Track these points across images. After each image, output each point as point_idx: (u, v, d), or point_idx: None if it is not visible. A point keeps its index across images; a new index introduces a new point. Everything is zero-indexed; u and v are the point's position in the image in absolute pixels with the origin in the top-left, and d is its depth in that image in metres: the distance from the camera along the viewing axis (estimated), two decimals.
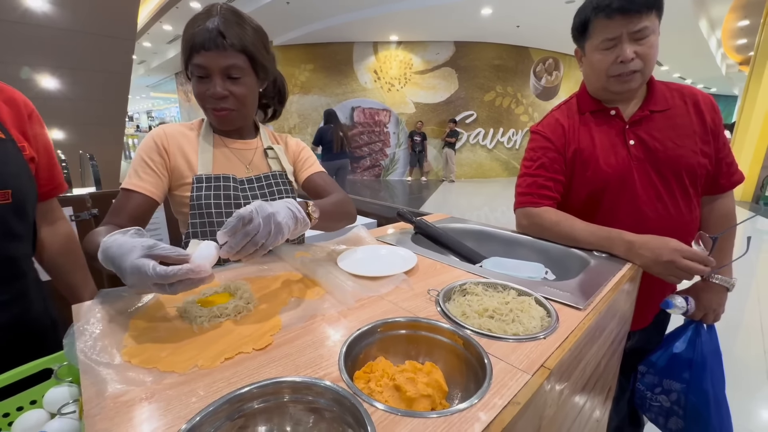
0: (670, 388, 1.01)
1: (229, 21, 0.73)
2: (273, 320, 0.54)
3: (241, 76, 0.77)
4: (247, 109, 0.83)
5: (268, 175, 0.89)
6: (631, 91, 0.88)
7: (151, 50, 11.36)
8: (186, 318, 0.54)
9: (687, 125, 0.88)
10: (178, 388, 0.41)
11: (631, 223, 0.85)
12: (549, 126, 0.98)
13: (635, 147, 0.89)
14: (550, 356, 0.47)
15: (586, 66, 0.92)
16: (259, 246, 0.55)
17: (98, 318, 0.54)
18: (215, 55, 0.73)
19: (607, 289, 0.67)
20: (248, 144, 0.90)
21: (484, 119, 8.85)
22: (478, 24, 7.19)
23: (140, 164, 0.78)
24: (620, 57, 0.82)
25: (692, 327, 1.01)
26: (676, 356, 1.01)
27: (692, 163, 0.87)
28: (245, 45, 0.75)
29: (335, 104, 8.87)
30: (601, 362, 0.70)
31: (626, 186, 0.88)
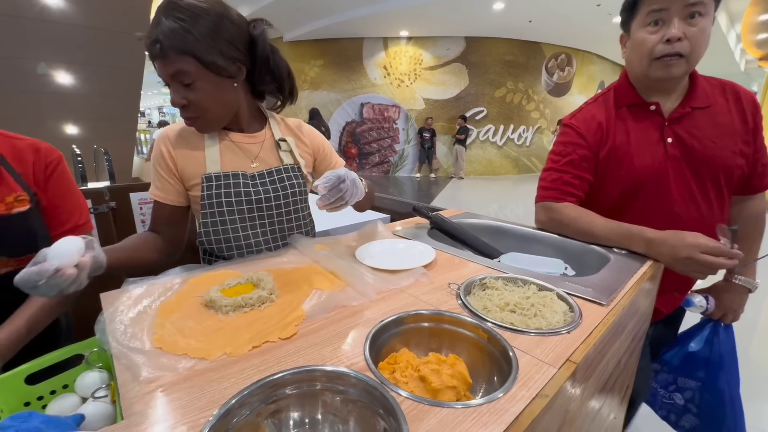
0: (685, 386, 1.00)
1: (168, 20, 0.65)
2: (297, 311, 0.55)
3: (192, 81, 0.69)
4: (215, 112, 0.75)
5: (279, 169, 0.84)
6: (674, 80, 0.82)
7: None
8: (211, 307, 0.55)
9: (728, 124, 0.84)
10: (209, 374, 0.41)
11: (661, 224, 0.80)
12: (584, 121, 0.93)
13: (673, 145, 0.84)
14: (576, 351, 0.47)
15: (629, 49, 0.86)
16: (345, 202, 0.67)
17: (127, 306, 0.56)
18: (160, 64, 0.68)
19: (629, 285, 0.67)
20: (254, 137, 0.84)
21: (495, 116, 8.76)
22: (489, 19, 7.10)
23: (155, 174, 0.80)
24: (667, 35, 0.76)
25: (710, 326, 0.99)
26: (691, 354, 1.00)
27: (730, 165, 0.83)
28: (185, 46, 0.66)
29: (345, 100, 8.87)
30: (621, 360, 0.69)
31: (660, 186, 0.85)
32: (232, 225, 0.79)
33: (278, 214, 0.84)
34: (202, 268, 0.71)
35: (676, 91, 0.86)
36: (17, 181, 0.72)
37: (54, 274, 0.49)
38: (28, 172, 0.74)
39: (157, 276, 0.67)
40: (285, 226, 0.86)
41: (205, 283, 0.64)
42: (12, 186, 0.71)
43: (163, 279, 0.66)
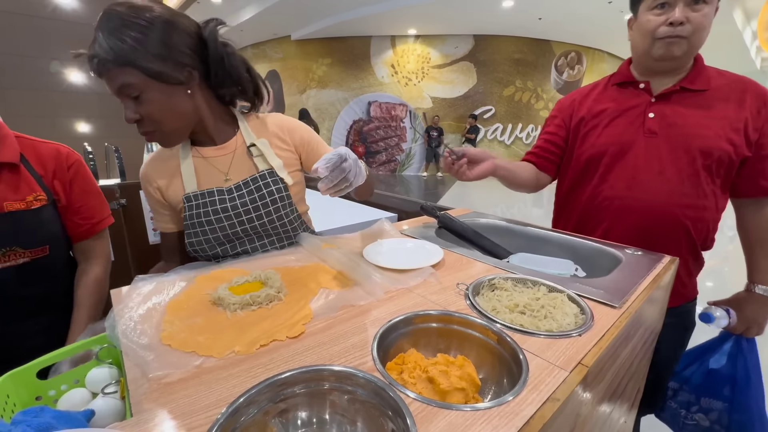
0: (709, 407, 0.95)
1: (103, 33, 0.61)
2: (304, 310, 0.55)
3: (139, 93, 0.65)
4: (171, 123, 0.70)
5: (255, 177, 0.80)
6: (674, 60, 0.85)
7: None
8: (220, 305, 0.55)
9: (720, 109, 0.84)
10: (217, 372, 0.42)
11: (620, 189, 0.89)
12: (567, 97, 1.06)
13: (653, 120, 0.88)
14: (588, 354, 0.46)
15: (635, 30, 0.90)
16: (350, 183, 0.62)
17: (136, 302, 0.56)
18: (106, 81, 0.64)
19: (642, 287, 0.65)
20: (224, 148, 0.81)
21: (503, 114, 8.69)
22: (498, 16, 7.04)
23: (152, 208, 0.85)
24: (670, 18, 0.79)
25: (732, 341, 0.95)
26: (713, 372, 0.95)
27: (710, 145, 0.83)
28: (123, 57, 0.61)
29: (352, 98, 8.87)
30: (633, 363, 0.68)
31: (626, 156, 0.89)
32: (216, 241, 0.80)
33: (261, 224, 0.80)
34: (210, 266, 0.71)
35: (674, 74, 0.89)
36: (38, 182, 0.77)
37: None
38: (49, 175, 0.79)
39: (166, 273, 0.68)
40: (272, 233, 0.83)
41: (214, 280, 0.64)
42: (33, 186, 0.76)
43: (173, 276, 0.66)
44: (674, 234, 0.88)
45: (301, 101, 9.15)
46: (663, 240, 0.88)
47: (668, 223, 0.87)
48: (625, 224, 0.90)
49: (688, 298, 0.97)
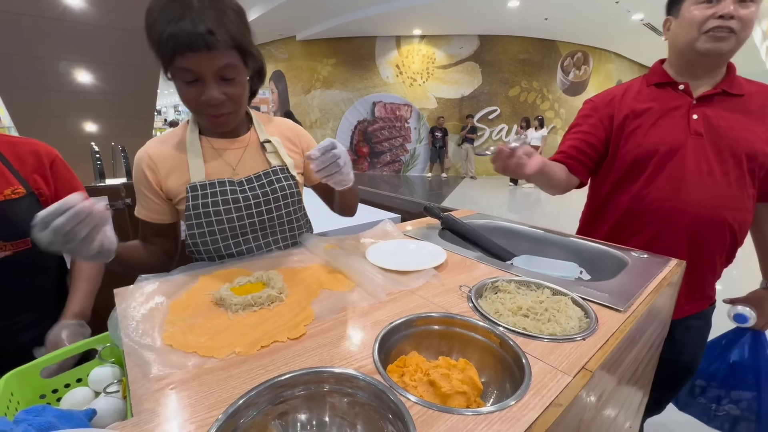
0: (739, 398, 1.01)
1: (212, 11, 0.61)
2: (306, 311, 0.55)
3: (235, 76, 0.67)
4: (243, 108, 0.76)
5: (267, 172, 0.80)
6: (720, 56, 0.82)
7: None
8: (222, 305, 0.55)
9: (759, 112, 0.85)
10: (217, 373, 0.41)
11: (668, 191, 0.86)
12: (602, 96, 1.00)
13: (697, 122, 0.86)
14: (591, 358, 0.45)
15: (677, 26, 0.87)
16: (340, 168, 0.67)
17: (139, 302, 0.56)
18: (205, 57, 0.61)
19: (648, 291, 0.64)
20: (238, 142, 0.81)
21: (508, 115, 8.64)
22: (503, 17, 7.00)
23: (138, 193, 0.78)
24: (720, 11, 0.77)
25: (750, 335, 1.00)
26: (737, 365, 1.01)
27: (755, 148, 0.83)
28: (236, 38, 0.64)
29: (357, 99, 8.87)
30: (638, 367, 0.67)
31: (675, 156, 0.86)
32: (221, 234, 0.76)
33: (270, 219, 0.80)
34: (213, 266, 0.71)
35: (711, 77, 0.88)
36: (15, 176, 0.75)
37: (79, 208, 0.48)
38: (27, 169, 0.77)
39: (169, 273, 0.68)
40: (278, 230, 0.82)
41: (216, 280, 0.64)
42: (9, 180, 0.74)
43: (176, 276, 0.67)
44: (721, 237, 0.87)
45: (306, 101, 9.17)
46: (710, 243, 0.87)
47: (717, 225, 0.86)
48: (675, 227, 0.87)
49: (712, 300, 0.99)
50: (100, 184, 1.95)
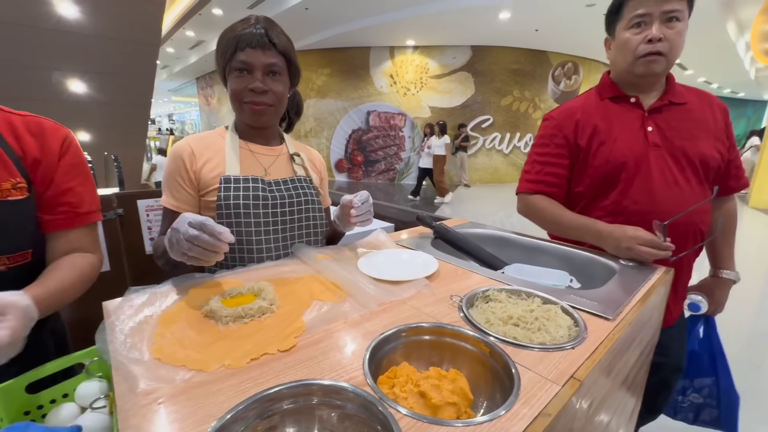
0: (701, 386, 1.06)
1: (272, 26, 0.81)
2: (296, 322, 0.54)
3: (280, 74, 0.82)
4: (280, 107, 0.87)
5: (294, 179, 0.90)
6: (655, 76, 0.89)
7: (174, 55, 11.72)
8: (212, 317, 0.55)
9: (702, 120, 0.92)
10: (206, 386, 0.41)
11: (644, 203, 0.89)
12: (562, 112, 1.01)
13: (653, 133, 0.91)
14: (580, 367, 0.45)
15: (615, 49, 0.94)
16: (370, 218, 0.88)
17: (128, 315, 0.56)
18: (260, 53, 0.78)
19: (637, 299, 0.65)
20: (272, 150, 0.92)
21: (501, 124, 8.76)
22: (495, 28, 7.14)
23: (173, 183, 0.82)
24: (649, 35, 0.84)
25: (702, 322, 1.07)
26: (695, 353, 1.06)
27: (706, 154, 0.89)
28: (285, 47, 0.82)
29: (351, 108, 8.94)
30: (629, 375, 0.68)
31: (641, 169, 0.90)
32: (246, 228, 0.81)
33: (291, 220, 0.87)
34: (204, 277, 0.71)
35: (654, 90, 0.94)
36: (16, 165, 0.61)
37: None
38: (28, 155, 0.63)
39: (159, 285, 0.67)
40: (296, 233, 0.88)
41: (207, 292, 0.64)
42: (11, 170, 0.60)
43: (166, 287, 0.66)
44: (695, 240, 0.92)
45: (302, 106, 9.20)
46: (687, 248, 0.90)
47: (690, 231, 0.90)
48: None
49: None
50: None
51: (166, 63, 13.15)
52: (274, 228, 0.85)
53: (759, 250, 4.33)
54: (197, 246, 0.58)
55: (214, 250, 0.59)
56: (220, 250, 0.59)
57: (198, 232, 0.58)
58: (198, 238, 0.58)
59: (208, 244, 0.58)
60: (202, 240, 0.58)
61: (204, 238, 0.58)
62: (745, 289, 3.09)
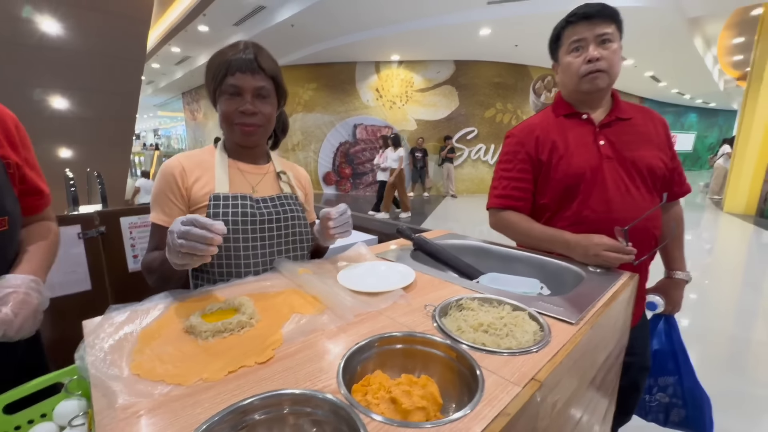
0: (665, 384, 1.10)
1: (260, 51, 0.85)
2: (275, 335, 0.56)
3: (269, 97, 0.86)
4: (269, 127, 0.91)
5: (281, 196, 0.93)
6: (600, 91, 0.97)
7: (160, 71, 11.69)
8: (192, 333, 0.56)
9: (646, 133, 1.01)
10: (183, 399, 0.43)
11: (601, 212, 0.95)
12: (523, 130, 1.08)
13: (605, 147, 0.98)
14: (541, 369, 0.48)
15: (561, 72, 1.03)
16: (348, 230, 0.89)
17: (108, 333, 0.57)
18: (250, 77, 0.82)
19: (600, 303, 0.69)
20: (260, 168, 0.95)
21: (485, 135, 8.96)
22: (477, 44, 7.38)
23: (163, 199, 0.84)
24: (588, 57, 0.93)
25: (662, 322, 1.12)
26: (659, 352, 1.10)
27: (653, 164, 0.97)
28: (274, 71, 0.86)
29: (338, 121, 9.04)
30: (598, 375, 0.71)
31: (597, 181, 0.97)
32: (234, 243, 0.83)
33: (278, 236, 0.89)
34: (185, 294, 0.72)
35: (601, 106, 1.02)
36: None
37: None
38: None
39: (140, 302, 0.68)
40: (282, 248, 0.91)
41: (188, 308, 0.65)
42: None
43: (147, 305, 0.67)
44: (650, 245, 0.98)
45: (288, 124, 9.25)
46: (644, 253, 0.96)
47: (646, 237, 0.97)
48: None
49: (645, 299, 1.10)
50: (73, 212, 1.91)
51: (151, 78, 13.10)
52: (261, 243, 0.87)
53: (735, 254, 4.49)
54: (190, 240, 0.61)
55: (207, 243, 0.61)
56: (213, 242, 0.62)
57: (189, 226, 0.61)
58: (189, 231, 0.60)
59: (199, 236, 0.61)
60: (194, 233, 0.60)
61: (195, 231, 0.60)
62: (722, 293, 3.21)
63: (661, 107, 14.90)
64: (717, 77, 10.87)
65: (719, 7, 6.19)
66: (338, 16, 6.37)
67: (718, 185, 8.09)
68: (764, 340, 2.33)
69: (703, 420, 1.05)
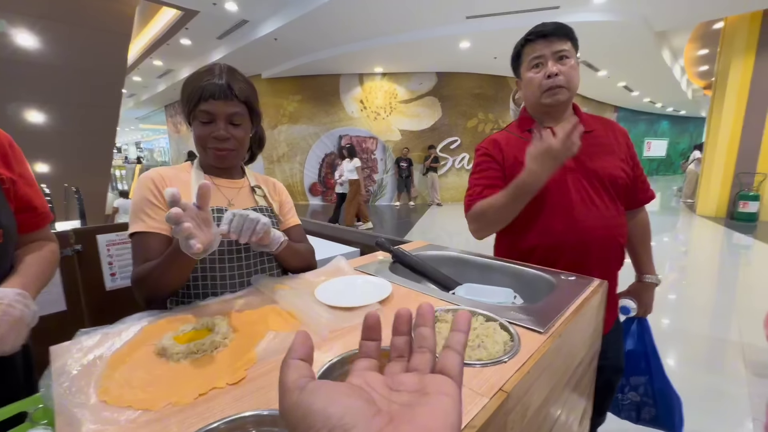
0: (637, 384, 1.14)
1: (234, 77, 0.86)
2: (248, 354, 0.56)
3: (241, 123, 0.88)
4: (242, 150, 0.93)
5: (256, 209, 0.95)
6: (561, 104, 1.02)
7: (141, 84, 11.55)
8: (164, 355, 0.56)
9: (607, 144, 1.05)
10: (152, 425, 0.42)
11: (567, 222, 0.99)
12: (489, 143, 1.13)
13: (568, 159, 0.99)
14: (509, 380, 0.50)
15: (524, 88, 1.08)
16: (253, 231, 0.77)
17: (76, 359, 0.56)
18: (222, 104, 0.83)
19: (569, 312, 0.71)
20: (235, 183, 0.97)
21: (468, 144, 9.13)
22: (457, 56, 7.57)
23: (147, 206, 0.83)
24: (547, 72, 0.98)
25: (635, 323, 1.16)
26: (631, 353, 1.14)
27: (614, 174, 1.02)
28: (247, 97, 0.87)
29: (323, 133, 9.07)
30: (570, 381, 0.73)
31: (562, 192, 1.00)
32: (210, 256, 0.83)
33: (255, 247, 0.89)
34: (158, 315, 0.71)
35: (564, 119, 1.06)
36: None
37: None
38: None
39: (112, 325, 0.67)
40: (258, 260, 0.92)
41: (160, 330, 0.64)
42: None
43: (118, 327, 0.66)
44: (616, 253, 1.02)
45: (273, 136, 9.25)
46: (610, 260, 1.01)
47: (611, 244, 1.01)
48: (582, 254, 0.99)
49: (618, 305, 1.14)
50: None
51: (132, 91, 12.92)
52: (238, 256, 0.88)
53: (709, 255, 4.66)
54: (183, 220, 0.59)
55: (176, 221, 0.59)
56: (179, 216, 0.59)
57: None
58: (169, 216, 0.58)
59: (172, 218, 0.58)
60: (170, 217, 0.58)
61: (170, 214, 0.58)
62: (696, 294, 3.32)
63: (635, 116, 15.49)
64: (685, 87, 11.41)
65: (684, 21, 6.53)
66: (321, 31, 6.45)
67: (691, 189, 8.41)
68: (737, 339, 2.41)
69: (673, 418, 1.09)
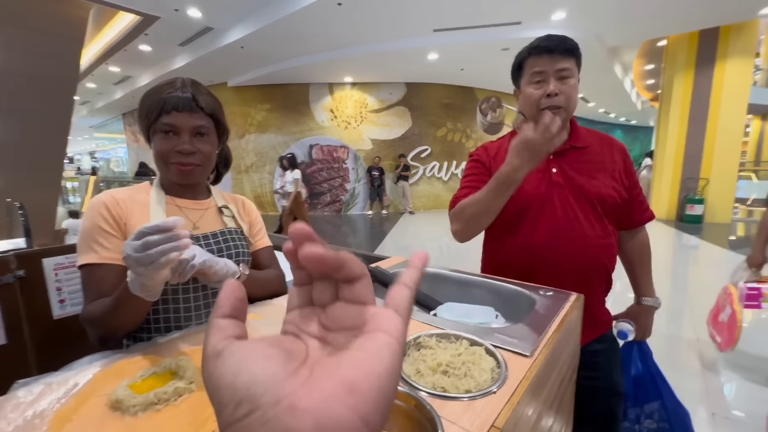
0: (651, 410, 1.09)
1: (198, 89, 0.82)
2: None
3: (207, 135, 0.82)
4: (209, 166, 0.87)
5: (224, 231, 0.88)
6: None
7: (96, 91, 10.88)
8: (118, 409, 0.49)
9: (600, 162, 1.03)
10: None
11: (549, 238, 0.98)
12: (483, 150, 1.14)
13: (557, 174, 1.01)
14: (500, 414, 0.48)
15: (522, 101, 1.06)
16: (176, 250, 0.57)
17: (10, 419, 0.48)
18: (187, 116, 0.78)
19: (552, 330, 0.71)
20: (200, 204, 0.90)
21: (438, 153, 9.31)
22: (426, 67, 7.73)
23: (99, 233, 0.75)
24: (547, 91, 0.95)
25: (636, 347, 1.13)
26: (638, 379, 1.10)
27: (603, 193, 1.00)
28: (213, 110, 0.83)
29: (293, 142, 8.92)
30: (554, 402, 0.72)
31: (546, 207, 0.99)
32: (173, 286, 0.76)
33: None
34: (114, 356, 0.64)
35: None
36: None
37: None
38: None
39: (56, 372, 0.59)
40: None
41: (116, 374, 0.57)
42: None
43: (63, 375, 0.58)
44: (598, 272, 1.01)
45: (241, 146, 8.98)
46: (590, 279, 1.00)
47: (593, 262, 0.99)
48: (561, 271, 0.98)
49: (610, 324, 1.11)
50: None
51: (86, 99, 12.15)
52: (203, 284, 0.81)
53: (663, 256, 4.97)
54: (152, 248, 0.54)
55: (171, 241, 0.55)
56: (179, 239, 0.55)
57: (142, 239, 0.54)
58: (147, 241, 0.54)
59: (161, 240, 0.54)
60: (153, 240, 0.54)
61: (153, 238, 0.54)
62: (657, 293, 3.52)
63: (592, 125, 16.47)
64: (635, 98, 12.30)
65: (631, 39, 7.06)
66: (289, 40, 6.38)
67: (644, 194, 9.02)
68: (692, 337, 2.56)
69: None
